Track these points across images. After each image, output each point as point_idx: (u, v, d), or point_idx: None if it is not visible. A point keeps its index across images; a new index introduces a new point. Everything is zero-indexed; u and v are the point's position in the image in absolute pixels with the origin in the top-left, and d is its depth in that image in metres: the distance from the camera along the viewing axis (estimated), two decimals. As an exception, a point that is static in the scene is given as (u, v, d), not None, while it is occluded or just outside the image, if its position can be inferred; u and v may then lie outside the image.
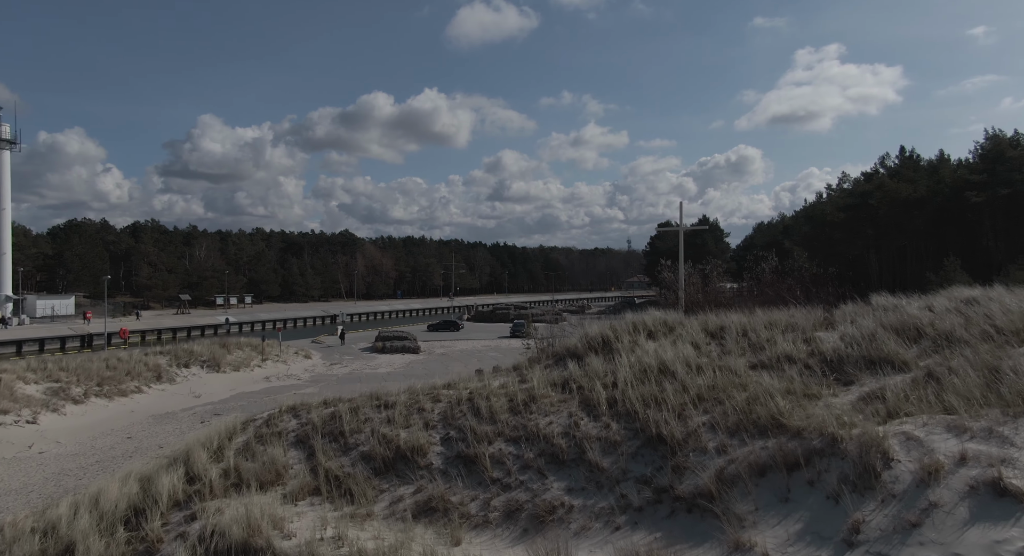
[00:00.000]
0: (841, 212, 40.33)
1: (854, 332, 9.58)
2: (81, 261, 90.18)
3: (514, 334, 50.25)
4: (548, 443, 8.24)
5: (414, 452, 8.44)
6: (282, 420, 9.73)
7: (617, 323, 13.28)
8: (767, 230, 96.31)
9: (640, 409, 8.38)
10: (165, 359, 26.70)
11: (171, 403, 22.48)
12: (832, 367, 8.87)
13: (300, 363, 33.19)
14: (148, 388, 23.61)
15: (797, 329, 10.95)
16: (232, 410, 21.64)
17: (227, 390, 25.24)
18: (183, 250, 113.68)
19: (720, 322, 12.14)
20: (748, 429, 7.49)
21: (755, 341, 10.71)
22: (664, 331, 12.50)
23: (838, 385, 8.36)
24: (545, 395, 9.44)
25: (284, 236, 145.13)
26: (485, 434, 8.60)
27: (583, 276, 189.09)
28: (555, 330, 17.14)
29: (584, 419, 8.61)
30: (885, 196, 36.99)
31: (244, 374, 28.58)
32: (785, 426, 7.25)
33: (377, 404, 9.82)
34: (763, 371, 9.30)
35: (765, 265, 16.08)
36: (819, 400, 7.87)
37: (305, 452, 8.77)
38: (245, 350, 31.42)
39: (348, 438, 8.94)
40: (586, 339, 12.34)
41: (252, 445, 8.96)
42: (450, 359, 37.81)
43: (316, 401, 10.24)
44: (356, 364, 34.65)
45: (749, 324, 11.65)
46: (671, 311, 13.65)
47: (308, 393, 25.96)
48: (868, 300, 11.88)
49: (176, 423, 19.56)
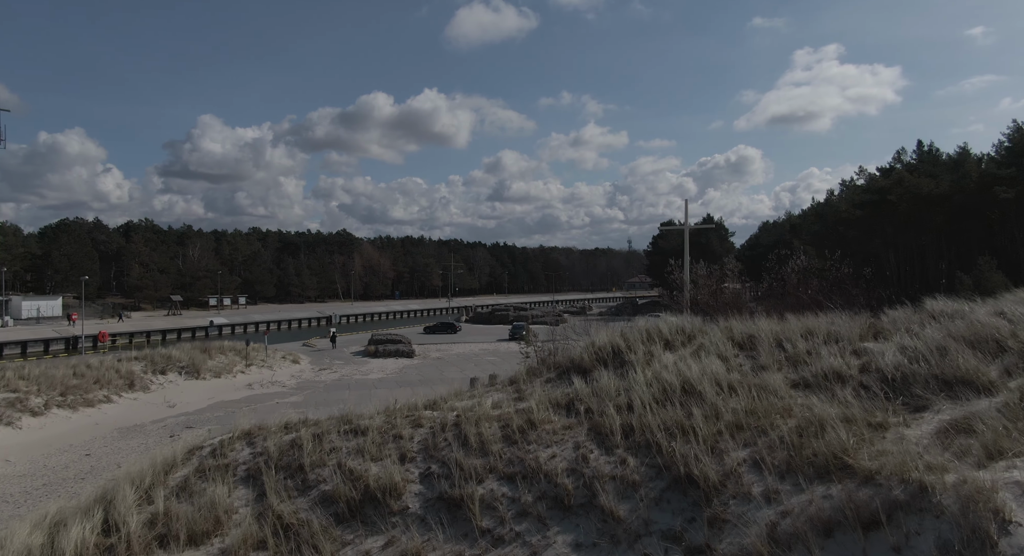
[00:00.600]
0: (857, 209, 38.73)
1: (916, 344, 8.09)
2: (69, 261, 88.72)
3: (513, 337, 48.78)
4: (550, 482, 6.76)
5: (387, 493, 6.96)
6: (233, 449, 8.25)
7: (628, 330, 11.81)
8: (773, 229, 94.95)
9: (663, 440, 6.90)
10: (140, 365, 25.22)
11: (142, 414, 20.99)
12: (895, 388, 7.38)
13: (287, 368, 31.70)
14: (118, 397, 22.12)
15: (841, 339, 9.45)
16: (207, 422, 20.17)
17: (205, 399, 23.75)
18: (176, 250, 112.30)
19: (747, 329, 10.65)
20: (802, 469, 6.02)
21: (792, 353, 9.22)
22: (683, 340, 11.02)
23: (907, 411, 6.86)
24: (546, 420, 7.96)
25: (281, 236, 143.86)
26: (474, 470, 7.12)
27: (584, 276, 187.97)
28: (557, 334, 15.64)
29: (594, 452, 7.13)
30: (905, 192, 35.41)
31: (225, 381, 27.10)
32: (851, 467, 5.77)
33: (346, 429, 8.34)
34: (808, 392, 7.83)
35: (789, 264, 14.60)
36: (887, 431, 6.40)
37: (255, 491, 7.28)
38: (228, 355, 29.92)
39: (309, 473, 7.46)
40: (593, 349, 10.86)
41: (192, 482, 7.47)
42: (445, 364, 36.35)
43: (276, 424, 8.76)
44: (346, 369, 33.16)
45: (782, 332, 10.16)
46: (688, 316, 12.15)
47: (292, 402, 24.54)
48: (919, 303, 10.40)
49: (143, 437, 18.07)
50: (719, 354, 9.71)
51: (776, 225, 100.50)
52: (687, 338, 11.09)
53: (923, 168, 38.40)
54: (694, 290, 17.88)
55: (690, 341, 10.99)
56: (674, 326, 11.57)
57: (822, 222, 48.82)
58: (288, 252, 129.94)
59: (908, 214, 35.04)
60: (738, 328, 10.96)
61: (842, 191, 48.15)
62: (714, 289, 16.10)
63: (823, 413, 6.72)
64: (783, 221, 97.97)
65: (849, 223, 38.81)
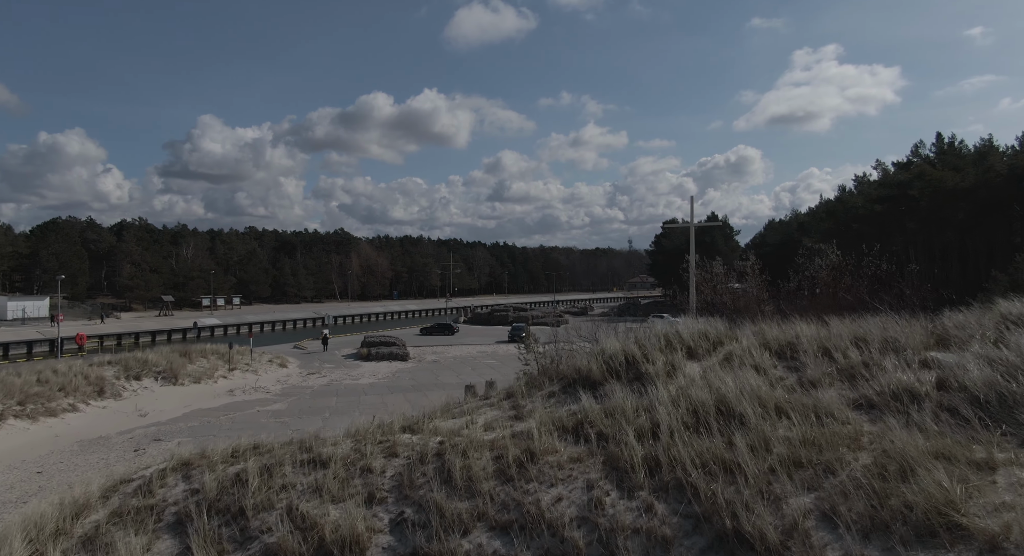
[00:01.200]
0: (876, 204, 37.13)
1: (1008, 356, 6.60)
2: (58, 260, 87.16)
3: (512, 339, 47.29)
4: (555, 536, 5.31)
5: (346, 547, 5.49)
6: (164, 484, 6.79)
7: (643, 335, 10.36)
8: (780, 228, 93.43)
9: (700, 480, 5.45)
10: (112, 370, 23.73)
11: (109, 424, 19.53)
12: (990, 412, 5.90)
13: (273, 373, 30.19)
14: (86, 405, 20.66)
15: (901, 347, 7.98)
16: (178, 433, 18.71)
17: (181, 407, 22.28)
18: (170, 249, 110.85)
19: (784, 335, 9.20)
20: (891, 525, 4.57)
21: (845, 365, 7.76)
22: (707, 347, 9.57)
23: (1015, 445, 5.39)
24: (550, 449, 6.51)
25: (277, 235, 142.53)
26: (458, 516, 5.65)
27: (584, 276, 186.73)
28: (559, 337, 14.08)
29: (611, 494, 5.67)
30: (927, 186, 33.85)
31: (205, 387, 25.61)
32: (963, 527, 4.32)
33: (305, 459, 6.87)
34: (874, 415, 6.39)
35: (821, 261, 13.16)
36: (996, 472, 4.95)
37: (181, 544, 5.80)
38: (211, 359, 28.42)
39: (251, 519, 5.99)
40: (603, 358, 9.41)
41: (104, 531, 6.01)
42: (441, 368, 34.84)
43: (221, 452, 7.28)
44: (336, 374, 31.64)
45: (827, 338, 8.69)
46: (712, 319, 10.68)
47: (274, 410, 23.09)
48: (986, 303, 8.96)
49: (105, 451, 16.60)
50: (754, 365, 8.24)
51: (783, 224, 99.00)
52: (712, 345, 9.62)
53: (947, 161, 36.85)
54: (710, 290, 16.41)
55: (716, 349, 9.52)
56: (696, 331, 10.10)
57: (833, 219, 47.27)
58: (285, 251, 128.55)
59: (931, 209, 33.49)
60: (772, 333, 9.50)
61: (856, 187, 46.58)
62: (732, 289, 14.64)
63: (905, 446, 5.25)
64: (790, 219, 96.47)
65: (865, 219, 37.25)
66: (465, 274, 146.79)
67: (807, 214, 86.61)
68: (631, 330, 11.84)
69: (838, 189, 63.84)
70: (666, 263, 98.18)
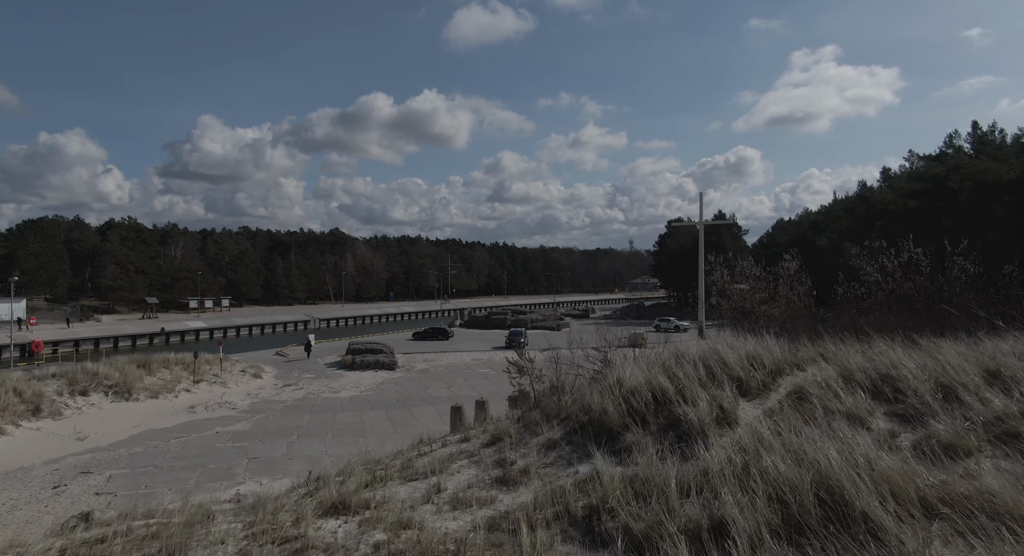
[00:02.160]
0: (909, 200, 34.48)
1: None
2: (37, 261, 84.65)
3: (510, 344, 44.86)
4: None
5: None
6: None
7: (670, 358, 7.96)
8: (790, 227, 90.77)
9: None
10: (55, 385, 21.26)
11: (38, 451, 17.06)
12: None
13: (245, 385, 27.69)
14: (15, 428, 18.20)
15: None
16: (114, 463, 16.25)
17: (129, 427, 19.80)
18: (158, 249, 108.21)
19: (873, 363, 6.74)
20: None
21: (988, 417, 5.28)
22: (762, 379, 7.09)
23: None
24: (546, 568, 4.05)
25: (271, 235, 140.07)
26: None
27: (585, 277, 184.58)
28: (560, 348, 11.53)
29: None
30: (967, 178, 31.26)
31: (163, 402, 23.13)
32: None
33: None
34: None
35: (889, 261, 10.75)
36: None
37: None
38: (174, 369, 25.93)
39: None
40: (621, 393, 7.00)
41: None
42: (431, 378, 32.30)
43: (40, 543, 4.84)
44: (315, 385, 29.11)
45: (940, 371, 6.23)
46: (767, 339, 8.18)
47: (236, 430, 20.56)
48: None
49: (19, 488, 14.10)
50: (845, 411, 5.79)
51: (792, 223, 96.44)
52: (769, 375, 7.16)
53: (986, 151, 34.32)
54: (740, 297, 13.94)
55: (775, 380, 7.05)
56: (743, 353, 7.63)
57: (852, 217, 44.78)
58: (278, 252, 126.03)
59: (970, 203, 30.92)
60: (855, 360, 7.04)
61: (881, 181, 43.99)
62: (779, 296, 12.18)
63: None
64: (801, 218, 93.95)
65: (892, 216, 34.62)
66: (464, 275, 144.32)
67: (819, 212, 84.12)
68: (642, 337, 9.29)
69: (858, 185, 61.52)
70: (671, 264, 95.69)
